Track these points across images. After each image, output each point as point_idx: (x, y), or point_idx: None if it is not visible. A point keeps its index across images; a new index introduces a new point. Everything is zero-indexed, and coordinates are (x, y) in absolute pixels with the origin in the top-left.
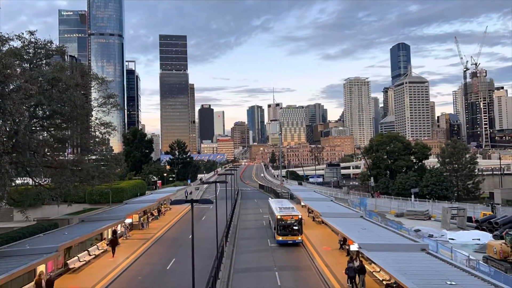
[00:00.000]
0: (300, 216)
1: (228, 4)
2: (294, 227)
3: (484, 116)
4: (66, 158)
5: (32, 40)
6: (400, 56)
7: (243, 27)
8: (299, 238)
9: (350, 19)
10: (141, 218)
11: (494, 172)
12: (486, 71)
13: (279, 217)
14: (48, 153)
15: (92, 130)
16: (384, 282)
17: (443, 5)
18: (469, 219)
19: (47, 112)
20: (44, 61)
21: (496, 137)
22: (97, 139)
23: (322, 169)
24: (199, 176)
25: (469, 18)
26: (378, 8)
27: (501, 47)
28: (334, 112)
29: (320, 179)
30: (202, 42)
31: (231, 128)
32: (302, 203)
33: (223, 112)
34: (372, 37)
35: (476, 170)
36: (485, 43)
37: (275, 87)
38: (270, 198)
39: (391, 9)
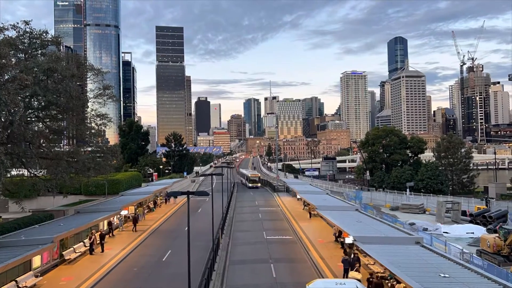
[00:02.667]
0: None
1: (265, 1)
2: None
3: (480, 110)
4: (62, 149)
5: (28, 30)
6: (398, 50)
7: (273, 23)
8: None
9: (379, 15)
10: (137, 210)
11: (489, 167)
12: (482, 65)
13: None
14: (43, 144)
15: (88, 121)
16: (379, 275)
17: (472, 2)
18: (464, 213)
19: (43, 103)
20: (40, 51)
21: (492, 132)
22: (93, 131)
23: (318, 163)
24: (195, 168)
25: (495, 14)
26: (409, 4)
27: None
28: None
29: (316, 173)
30: (230, 37)
31: (228, 121)
32: (298, 196)
33: (219, 104)
34: (398, 32)
35: (471, 165)
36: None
37: (291, 80)
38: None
39: (421, 5)
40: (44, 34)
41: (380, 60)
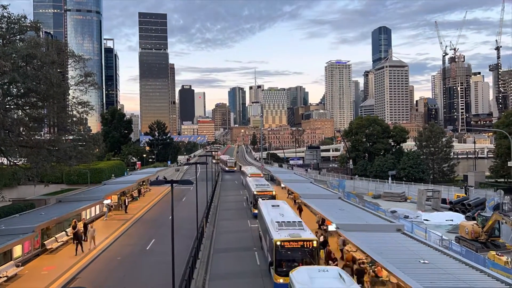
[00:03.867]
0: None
1: None
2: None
3: (461, 101)
4: (43, 137)
5: (5, 14)
6: (381, 40)
7: (273, 13)
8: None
9: (377, 6)
10: (120, 200)
11: (469, 156)
12: (464, 56)
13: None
14: (23, 132)
15: (69, 109)
16: (361, 261)
17: None
18: (444, 201)
19: (22, 90)
20: (18, 37)
21: (472, 122)
22: (74, 119)
23: (303, 152)
24: (180, 157)
25: (490, 6)
26: None
27: None
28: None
29: (300, 161)
30: (228, 27)
31: (212, 110)
32: (282, 185)
33: (204, 93)
34: (394, 22)
35: (452, 154)
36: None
37: (284, 69)
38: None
39: None
40: (23, 19)
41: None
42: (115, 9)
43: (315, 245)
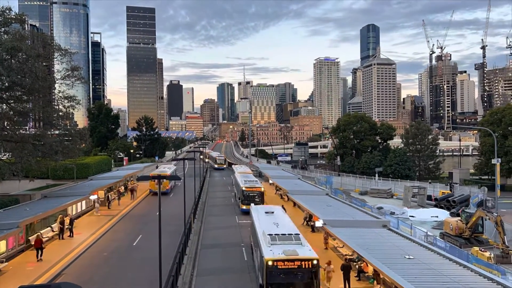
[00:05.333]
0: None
1: None
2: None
3: (447, 99)
4: (28, 132)
5: None
6: (370, 37)
7: (279, 11)
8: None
9: (382, 6)
10: (108, 195)
11: (454, 153)
12: (450, 54)
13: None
14: (7, 127)
15: (55, 103)
16: (348, 257)
17: None
18: (429, 198)
19: (6, 84)
20: (3, 29)
21: (457, 120)
22: (60, 113)
23: (291, 148)
24: (167, 153)
25: (493, 7)
26: None
27: None
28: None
29: (289, 158)
30: (233, 24)
31: (201, 106)
32: (270, 181)
33: (192, 88)
34: (397, 21)
35: (438, 151)
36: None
37: (283, 66)
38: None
39: None
40: (7, 11)
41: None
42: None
43: (315, 264)
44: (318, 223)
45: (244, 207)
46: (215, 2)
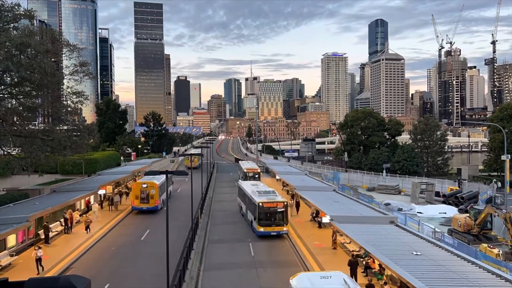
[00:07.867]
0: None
1: None
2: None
3: (456, 94)
4: (37, 127)
5: None
6: (378, 32)
7: (314, 11)
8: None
9: (416, 3)
10: (115, 191)
11: (463, 149)
12: (460, 50)
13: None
14: (17, 122)
15: (64, 99)
16: (355, 253)
17: None
18: (437, 194)
19: (16, 79)
20: (12, 25)
21: (467, 115)
22: (69, 109)
23: (298, 144)
24: (175, 148)
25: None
26: None
27: None
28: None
29: (296, 154)
30: (265, 23)
31: (208, 101)
32: (277, 177)
33: (199, 84)
34: (430, 18)
35: (446, 147)
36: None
37: (306, 63)
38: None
39: None
40: (16, 7)
41: (399, 45)
42: None
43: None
44: (325, 219)
45: (262, 229)
46: (254, 2)
